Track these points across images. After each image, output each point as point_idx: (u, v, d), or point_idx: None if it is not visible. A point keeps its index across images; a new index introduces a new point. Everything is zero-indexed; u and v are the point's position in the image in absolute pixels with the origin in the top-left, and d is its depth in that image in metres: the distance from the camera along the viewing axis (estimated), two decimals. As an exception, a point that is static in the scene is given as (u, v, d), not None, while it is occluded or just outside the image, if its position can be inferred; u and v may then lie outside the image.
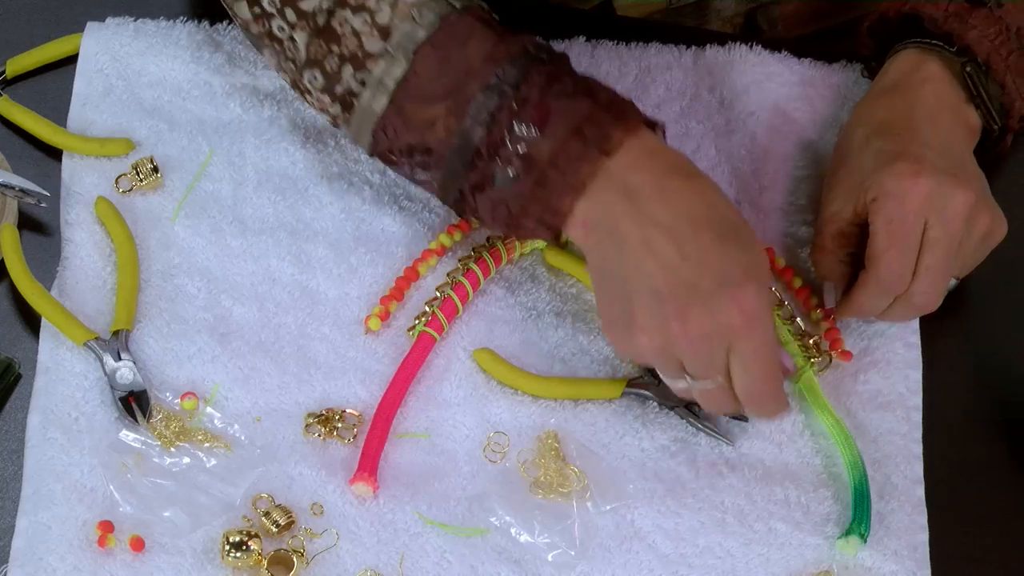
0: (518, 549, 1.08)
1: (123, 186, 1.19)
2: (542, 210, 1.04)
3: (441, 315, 1.14)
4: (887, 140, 1.12)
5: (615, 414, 1.14)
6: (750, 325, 1.01)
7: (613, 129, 1.03)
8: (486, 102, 1.03)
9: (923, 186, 1.08)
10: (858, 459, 1.11)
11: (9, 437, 1.11)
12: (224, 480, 1.09)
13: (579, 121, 1.03)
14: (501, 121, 1.03)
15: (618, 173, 1.02)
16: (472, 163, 1.05)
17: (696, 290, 1.00)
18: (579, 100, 1.03)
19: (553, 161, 1.03)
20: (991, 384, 1.17)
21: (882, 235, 1.09)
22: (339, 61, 1.07)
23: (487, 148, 1.04)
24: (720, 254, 1.01)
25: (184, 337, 1.14)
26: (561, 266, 1.18)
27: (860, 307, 1.13)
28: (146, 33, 1.25)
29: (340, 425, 1.12)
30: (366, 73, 1.06)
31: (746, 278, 1.01)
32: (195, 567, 1.06)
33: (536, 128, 1.03)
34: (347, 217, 1.19)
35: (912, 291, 1.10)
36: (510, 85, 1.04)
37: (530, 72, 1.04)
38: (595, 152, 1.02)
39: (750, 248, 1.02)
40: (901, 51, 1.17)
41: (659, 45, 1.28)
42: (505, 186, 1.04)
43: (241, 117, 1.23)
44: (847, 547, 1.08)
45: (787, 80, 1.27)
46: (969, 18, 1.14)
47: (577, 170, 1.03)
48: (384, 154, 1.10)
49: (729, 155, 1.24)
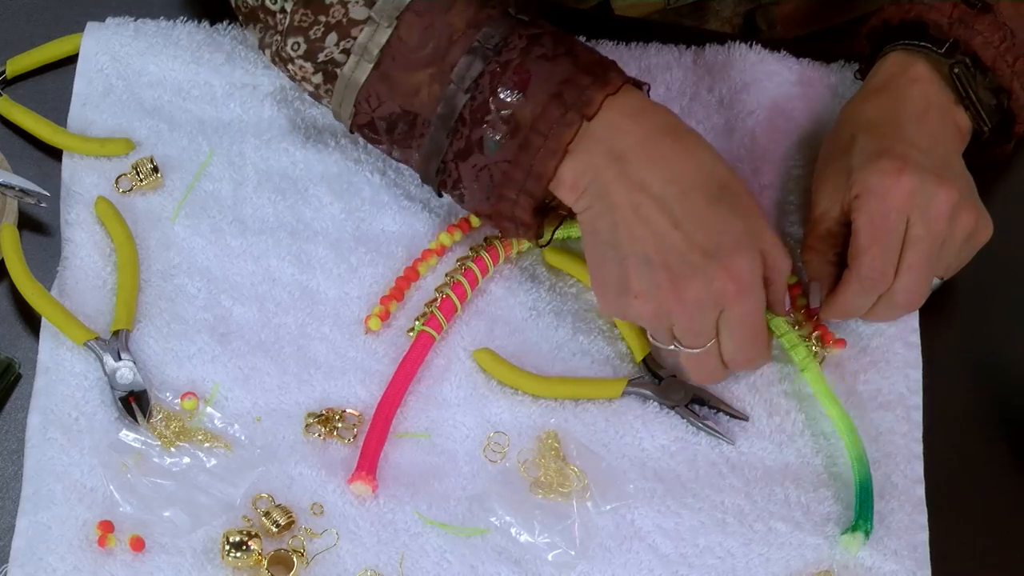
0: (518, 549, 1.08)
1: (123, 186, 1.19)
2: (525, 176, 1.04)
3: (440, 314, 1.14)
4: (872, 139, 1.12)
5: (615, 414, 1.14)
6: (742, 293, 1.02)
7: (594, 91, 1.03)
8: (469, 67, 1.04)
9: (906, 184, 1.08)
10: (863, 454, 1.11)
11: (9, 437, 1.11)
12: (224, 480, 1.09)
13: (558, 84, 1.03)
14: (484, 85, 1.04)
15: (602, 136, 1.03)
16: (456, 129, 1.05)
17: (689, 258, 1.02)
18: (559, 63, 1.04)
19: (535, 125, 1.03)
20: (991, 384, 1.17)
21: (864, 233, 1.09)
22: (324, 29, 1.08)
23: (471, 113, 1.05)
24: (711, 221, 1.02)
25: (184, 337, 1.14)
26: (561, 266, 1.18)
27: (843, 306, 1.12)
28: (146, 33, 1.25)
29: (340, 425, 1.12)
30: (351, 41, 1.07)
31: (737, 246, 1.02)
32: (195, 567, 1.06)
33: (517, 92, 1.03)
34: (347, 217, 1.19)
35: (894, 289, 1.09)
36: (491, 48, 1.04)
37: (511, 35, 1.05)
38: (575, 116, 1.03)
39: (742, 211, 1.03)
40: (890, 53, 1.16)
41: (659, 45, 1.28)
42: (489, 152, 1.05)
43: (241, 117, 1.23)
44: (851, 543, 1.08)
45: (786, 79, 1.27)
46: (974, 24, 1.14)
47: (559, 134, 1.03)
48: (364, 129, 1.10)
49: (729, 155, 1.24)
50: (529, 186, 1.05)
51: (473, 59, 1.05)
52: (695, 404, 1.13)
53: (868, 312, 1.12)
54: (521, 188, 1.05)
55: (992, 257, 1.15)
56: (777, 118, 1.25)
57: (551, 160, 1.04)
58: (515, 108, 1.04)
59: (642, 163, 1.03)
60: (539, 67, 1.04)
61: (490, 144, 1.04)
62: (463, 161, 1.06)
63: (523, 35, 1.05)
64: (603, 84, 1.04)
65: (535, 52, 1.04)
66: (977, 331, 1.19)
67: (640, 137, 1.03)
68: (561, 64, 1.04)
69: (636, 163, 1.03)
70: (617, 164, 1.03)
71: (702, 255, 1.02)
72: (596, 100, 1.03)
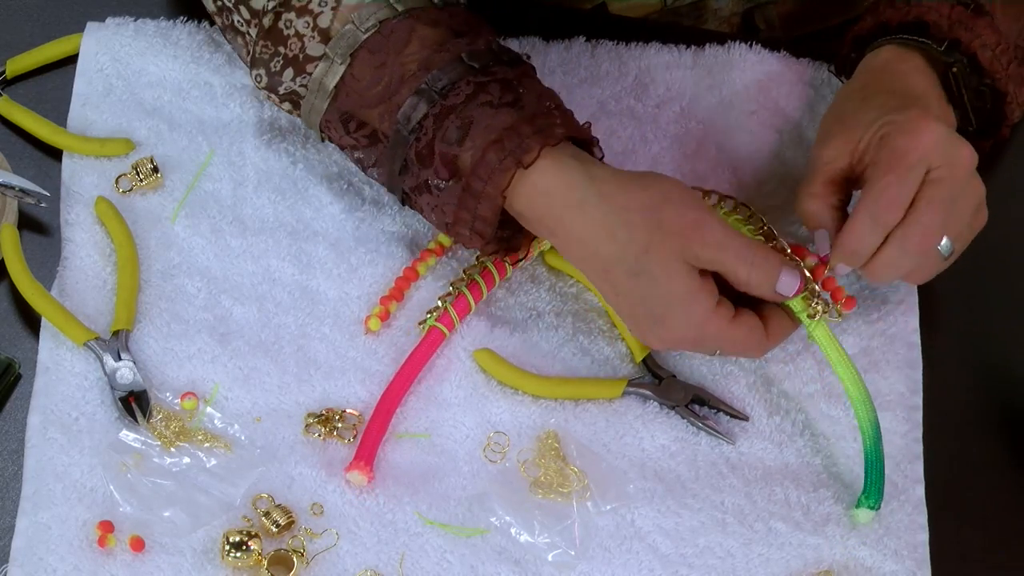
0: (518, 549, 1.08)
1: (123, 186, 1.19)
2: (471, 218, 1.06)
3: (453, 312, 1.14)
4: (892, 96, 1.10)
5: (615, 414, 1.14)
6: (700, 337, 1.05)
7: (532, 141, 1.04)
8: (414, 108, 1.05)
9: (935, 129, 1.06)
10: (875, 420, 1.09)
11: (9, 437, 1.11)
12: (224, 480, 1.09)
13: (499, 132, 1.04)
14: (427, 128, 1.05)
15: (535, 190, 1.04)
16: (406, 167, 1.07)
17: (647, 317, 1.05)
18: (502, 112, 1.04)
19: (474, 170, 1.04)
20: (991, 384, 1.17)
21: (883, 164, 1.06)
22: (282, 63, 1.09)
23: (416, 154, 1.06)
24: (634, 296, 1.04)
25: (184, 337, 1.14)
26: (561, 267, 1.18)
27: (852, 244, 1.07)
28: (146, 33, 1.25)
29: (340, 425, 1.12)
30: (306, 77, 1.09)
31: (667, 312, 1.04)
32: (195, 567, 1.06)
33: (459, 137, 1.04)
34: (347, 217, 1.19)
35: (909, 221, 1.05)
36: (437, 92, 1.05)
37: (459, 81, 1.05)
38: (511, 163, 1.04)
39: (661, 272, 1.03)
40: (885, 45, 1.15)
41: (659, 45, 1.28)
42: (437, 191, 1.06)
43: (241, 117, 1.23)
44: (859, 517, 1.09)
45: (786, 79, 1.27)
46: (973, 26, 1.14)
47: (498, 181, 1.04)
48: (340, 148, 1.12)
49: (729, 155, 1.24)
50: (477, 227, 1.06)
51: (419, 101, 1.05)
52: (695, 404, 1.13)
53: (877, 254, 1.07)
54: (471, 228, 1.07)
55: (992, 257, 1.15)
56: (777, 118, 1.25)
57: (492, 204, 1.05)
58: (457, 153, 1.04)
59: (566, 240, 1.05)
60: (482, 113, 1.04)
61: (435, 185, 1.06)
62: (419, 196, 1.08)
63: (471, 81, 1.05)
64: (544, 135, 1.04)
65: (480, 99, 1.05)
66: (977, 331, 1.19)
67: (558, 211, 1.04)
68: (503, 112, 1.04)
69: (563, 238, 1.06)
70: (551, 234, 1.06)
71: (649, 319, 1.05)
72: (534, 149, 1.04)
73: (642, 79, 1.26)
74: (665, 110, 1.25)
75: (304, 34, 1.08)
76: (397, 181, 1.08)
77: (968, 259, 1.13)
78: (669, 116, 1.25)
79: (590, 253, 1.04)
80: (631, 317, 1.06)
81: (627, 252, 1.03)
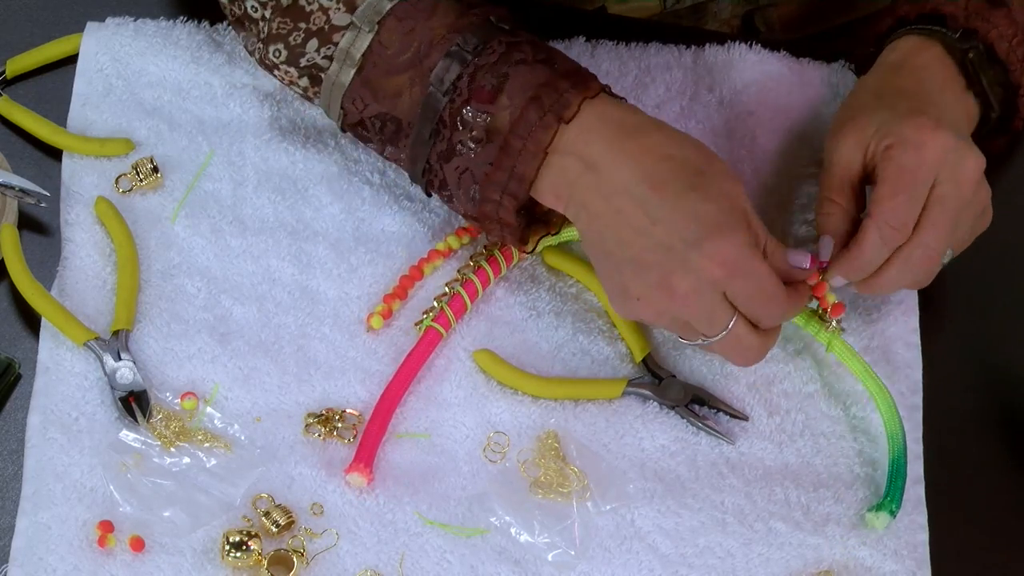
0: (518, 549, 1.08)
1: (123, 186, 1.19)
2: (507, 178, 1.05)
3: (449, 311, 1.14)
4: (902, 99, 1.11)
5: (615, 414, 1.14)
6: (733, 272, 1.02)
7: (571, 95, 1.04)
8: (447, 70, 1.05)
9: (941, 140, 1.07)
10: (900, 428, 1.10)
11: (9, 437, 1.11)
12: (224, 480, 1.09)
13: (536, 88, 1.04)
14: (462, 88, 1.05)
15: (576, 141, 1.04)
16: (437, 131, 1.06)
17: (672, 251, 1.02)
18: (537, 68, 1.05)
19: (513, 128, 1.04)
20: (991, 384, 1.17)
21: (892, 181, 1.07)
22: (304, 36, 1.09)
23: (450, 116, 1.05)
24: (686, 209, 1.02)
25: (184, 337, 1.14)
26: (561, 266, 1.18)
27: (858, 258, 1.08)
28: (146, 33, 1.25)
29: (340, 425, 1.12)
30: (332, 47, 1.08)
31: (715, 230, 1.01)
32: (195, 567, 1.06)
33: (496, 95, 1.04)
34: (347, 217, 1.19)
35: (914, 243, 1.07)
36: (469, 52, 1.05)
37: (490, 40, 1.05)
38: (552, 119, 1.04)
39: (718, 192, 1.02)
40: (904, 35, 1.16)
41: (659, 45, 1.28)
42: (470, 153, 1.05)
43: (241, 117, 1.23)
44: (875, 521, 1.09)
45: (787, 79, 1.27)
46: (990, 17, 1.14)
47: (538, 137, 1.04)
48: (356, 128, 1.11)
49: (729, 155, 1.24)
50: (512, 188, 1.05)
51: (451, 62, 1.06)
52: (695, 404, 1.13)
53: (878, 275, 1.08)
54: (504, 189, 1.05)
55: (992, 257, 1.15)
56: (777, 118, 1.26)
57: (532, 162, 1.04)
58: (493, 111, 1.04)
59: (613, 167, 1.03)
60: (517, 71, 1.05)
61: (469, 147, 1.05)
62: (446, 163, 1.07)
63: (503, 41, 1.06)
64: (581, 88, 1.04)
65: (514, 57, 1.05)
66: (977, 331, 1.19)
67: (609, 140, 1.03)
68: (539, 69, 1.05)
69: (608, 168, 1.03)
70: (591, 172, 1.04)
71: (684, 246, 1.02)
72: (574, 103, 1.04)
73: (642, 79, 1.26)
74: (665, 110, 1.25)
75: (328, 7, 1.08)
76: (424, 149, 1.07)
77: (968, 259, 1.13)
78: (669, 116, 1.25)
79: (639, 173, 1.03)
80: (662, 246, 1.02)
81: (685, 168, 1.03)
